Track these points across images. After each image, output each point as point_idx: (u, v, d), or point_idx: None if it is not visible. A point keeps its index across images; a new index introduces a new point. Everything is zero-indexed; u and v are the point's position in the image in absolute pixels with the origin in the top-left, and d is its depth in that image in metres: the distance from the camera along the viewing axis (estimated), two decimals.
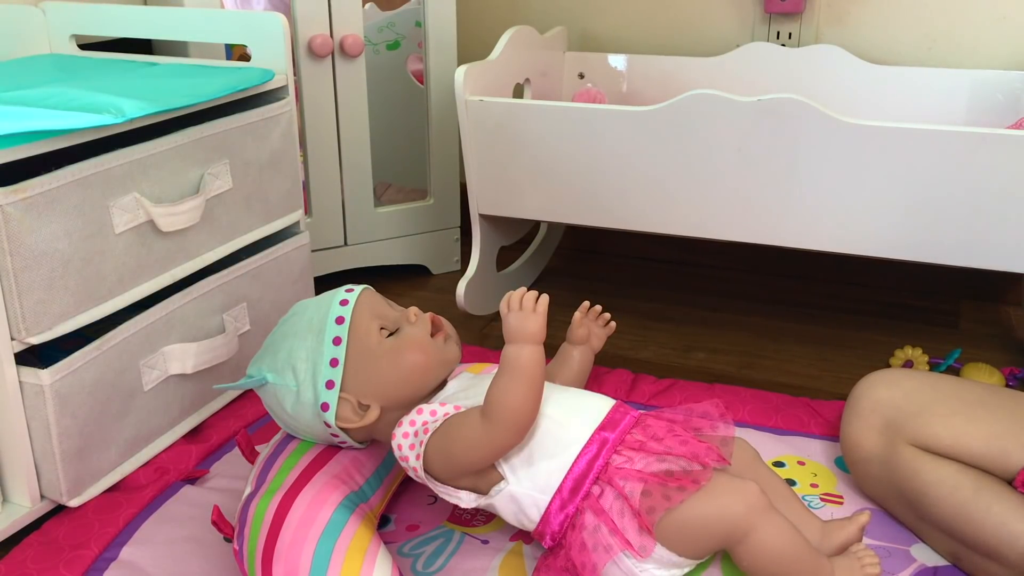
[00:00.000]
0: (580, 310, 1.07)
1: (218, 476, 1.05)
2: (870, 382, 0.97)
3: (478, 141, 1.29)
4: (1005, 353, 1.32)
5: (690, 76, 1.52)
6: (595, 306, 1.09)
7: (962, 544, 0.85)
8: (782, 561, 0.78)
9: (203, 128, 1.06)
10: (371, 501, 0.90)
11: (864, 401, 0.95)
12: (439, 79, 1.51)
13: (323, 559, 0.79)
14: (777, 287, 1.57)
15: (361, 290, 0.89)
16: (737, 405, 1.14)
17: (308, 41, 1.39)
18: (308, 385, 0.85)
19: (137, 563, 0.90)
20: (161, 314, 1.04)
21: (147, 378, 1.03)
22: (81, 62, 1.21)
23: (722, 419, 0.84)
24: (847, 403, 0.99)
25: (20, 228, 0.86)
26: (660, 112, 1.17)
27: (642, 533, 0.77)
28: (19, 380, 0.91)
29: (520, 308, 0.79)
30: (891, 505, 0.93)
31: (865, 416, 0.94)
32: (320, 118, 1.45)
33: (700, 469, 0.78)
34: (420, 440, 0.81)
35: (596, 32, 1.67)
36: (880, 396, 0.94)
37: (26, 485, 0.95)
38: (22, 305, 0.88)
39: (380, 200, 1.64)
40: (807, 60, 1.47)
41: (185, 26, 1.23)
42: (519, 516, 0.83)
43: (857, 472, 0.96)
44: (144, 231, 1.00)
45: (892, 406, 0.92)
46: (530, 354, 0.78)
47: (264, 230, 1.19)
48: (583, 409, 0.85)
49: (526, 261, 1.59)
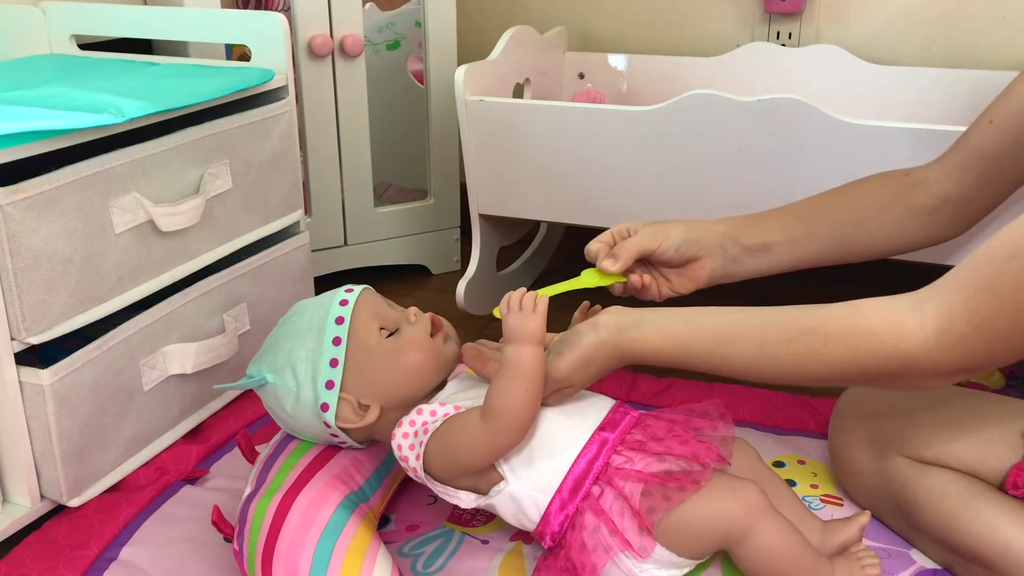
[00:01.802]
0: (580, 310, 1.06)
1: (218, 476, 1.05)
2: (853, 394, 0.97)
3: (478, 141, 1.29)
4: None
5: (690, 76, 1.52)
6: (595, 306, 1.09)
7: (954, 553, 0.84)
8: (782, 562, 0.78)
9: (203, 128, 1.06)
10: (371, 501, 0.90)
11: (850, 414, 0.95)
12: (439, 79, 1.51)
13: (323, 559, 0.79)
14: (777, 287, 1.56)
15: (361, 290, 0.89)
16: (737, 405, 1.14)
17: (308, 41, 1.39)
18: (308, 385, 0.85)
19: (137, 563, 0.90)
20: (161, 314, 1.04)
21: (147, 378, 1.03)
22: (81, 62, 1.21)
23: (722, 419, 0.84)
24: (832, 417, 0.99)
25: (20, 228, 0.86)
26: (660, 112, 1.17)
27: (642, 533, 0.77)
28: (19, 380, 0.91)
29: (520, 309, 0.79)
30: (885, 516, 0.92)
31: (852, 430, 0.94)
32: (320, 118, 1.45)
33: (700, 469, 0.78)
34: (420, 440, 0.81)
35: (596, 32, 1.67)
36: (865, 408, 0.94)
37: (26, 485, 0.95)
38: (22, 305, 0.88)
39: (380, 200, 1.64)
40: (807, 60, 1.47)
41: (185, 26, 1.23)
42: (519, 516, 0.83)
43: (848, 484, 0.96)
44: (144, 231, 1.00)
45: (879, 418, 0.92)
46: (530, 355, 0.78)
47: (264, 230, 1.19)
48: (583, 409, 0.85)
49: (526, 261, 1.59)
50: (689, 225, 0.96)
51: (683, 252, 0.94)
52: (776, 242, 0.96)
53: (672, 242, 0.94)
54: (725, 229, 0.96)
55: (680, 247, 0.94)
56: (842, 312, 0.76)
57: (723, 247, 0.96)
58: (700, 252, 0.95)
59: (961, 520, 0.82)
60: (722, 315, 0.81)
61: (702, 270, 0.96)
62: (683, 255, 0.94)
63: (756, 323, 0.79)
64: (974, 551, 0.81)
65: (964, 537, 0.82)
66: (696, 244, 0.94)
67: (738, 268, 0.97)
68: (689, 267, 0.96)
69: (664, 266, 0.96)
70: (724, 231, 0.96)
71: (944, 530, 0.84)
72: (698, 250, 0.95)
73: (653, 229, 0.94)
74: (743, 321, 0.79)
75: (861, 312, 0.75)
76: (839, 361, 0.75)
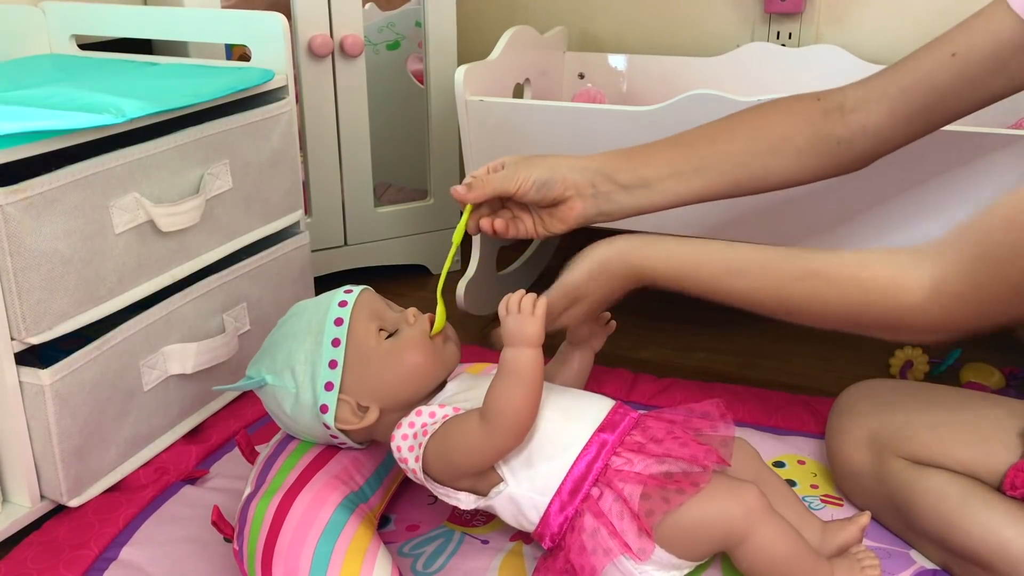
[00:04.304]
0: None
1: (218, 476, 1.05)
2: (851, 395, 0.97)
3: (478, 141, 1.29)
4: (1005, 353, 1.31)
5: (690, 76, 1.52)
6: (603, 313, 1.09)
7: (953, 555, 0.84)
8: (781, 563, 0.78)
9: (203, 128, 1.06)
10: (371, 501, 0.90)
11: (848, 415, 0.95)
12: (439, 79, 1.51)
13: (323, 559, 0.79)
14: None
15: (360, 291, 0.89)
16: (737, 405, 1.14)
17: (308, 41, 1.39)
18: (307, 387, 0.85)
19: (137, 563, 0.90)
20: (161, 314, 1.04)
21: (147, 378, 1.03)
22: (81, 62, 1.21)
23: (722, 419, 0.84)
24: (830, 417, 0.98)
25: (20, 228, 0.86)
26: (660, 112, 1.17)
27: (641, 536, 0.77)
28: (19, 380, 0.91)
29: (519, 311, 0.79)
30: (883, 517, 0.92)
31: (850, 431, 0.94)
32: (320, 118, 1.45)
33: (699, 471, 0.78)
34: (419, 442, 0.81)
35: (596, 32, 1.67)
36: (863, 409, 0.94)
37: (26, 485, 0.95)
38: (22, 305, 0.88)
39: (380, 200, 1.64)
40: (807, 60, 1.47)
41: (185, 26, 1.23)
42: (518, 518, 0.83)
43: (846, 486, 0.96)
44: (144, 231, 1.00)
45: (876, 419, 0.92)
46: (528, 357, 0.78)
47: (264, 230, 1.19)
48: (582, 411, 0.85)
49: (526, 261, 1.59)
50: (555, 163, 0.91)
51: (545, 193, 0.90)
52: (657, 177, 0.92)
53: (533, 182, 0.90)
54: (597, 166, 0.92)
55: (541, 188, 0.90)
56: (850, 260, 0.78)
57: (594, 184, 0.91)
58: (567, 192, 0.91)
59: (959, 521, 0.82)
60: (733, 247, 0.83)
61: (571, 211, 0.92)
62: (546, 196, 0.90)
63: (766, 258, 0.81)
64: (972, 552, 0.81)
65: (962, 538, 0.82)
66: (560, 183, 0.90)
67: (612, 207, 0.93)
68: (559, 208, 0.92)
69: (534, 205, 0.93)
70: (596, 168, 0.91)
71: (942, 531, 0.83)
72: (564, 189, 0.90)
73: (515, 168, 0.90)
74: (753, 254, 0.82)
75: (866, 262, 0.77)
76: (840, 305, 0.78)
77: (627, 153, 0.94)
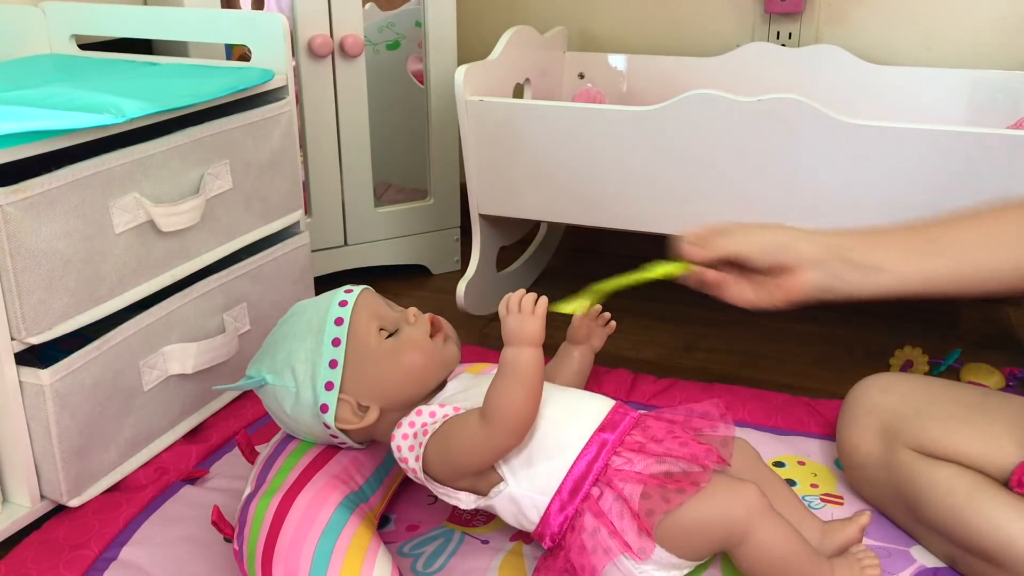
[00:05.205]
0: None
1: (218, 476, 1.05)
2: (864, 387, 0.97)
3: (478, 141, 1.29)
4: (1005, 353, 1.32)
5: (690, 76, 1.52)
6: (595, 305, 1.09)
7: (958, 547, 0.85)
8: (781, 563, 0.78)
9: (203, 128, 1.06)
10: (371, 501, 0.90)
11: (860, 406, 0.95)
12: (439, 79, 1.51)
13: (323, 559, 0.79)
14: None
15: (360, 291, 0.89)
16: (737, 405, 1.14)
17: (308, 41, 1.39)
18: (307, 386, 0.85)
19: (137, 563, 0.90)
20: (161, 314, 1.04)
21: (147, 378, 1.03)
22: (81, 62, 1.21)
23: (722, 419, 0.84)
24: (842, 408, 0.99)
25: (20, 228, 0.86)
26: (660, 112, 1.17)
27: (641, 535, 0.77)
28: (19, 380, 0.91)
29: (519, 310, 0.79)
30: (889, 508, 0.93)
31: (861, 420, 0.94)
32: (320, 118, 1.45)
33: (699, 471, 0.78)
34: (419, 442, 0.81)
35: (596, 32, 1.67)
36: (875, 400, 0.94)
37: (26, 485, 0.95)
38: (22, 305, 0.88)
39: (380, 200, 1.64)
40: (807, 60, 1.47)
41: (185, 26, 1.23)
42: (519, 517, 0.83)
43: (854, 476, 0.96)
44: (144, 231, 1.00)
45: (888, 410, 0.92)
46: (529, 357, 0.78)
47: (264, 230, 1.19)
48: (582, 410, 0.85)
49: (526, 261, 1.59)
50: (786, 230, 0.87)
51: (778, 257, 0.85)
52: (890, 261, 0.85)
53: (760, 246, 0.86)
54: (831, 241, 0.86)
55: (776, 252, 0.85)
56: None
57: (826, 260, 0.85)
58: (794, 261, 0.85)
59: (966, 515, 0.82)
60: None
61: (797, 281, 0.85)
62: (777, 260, 0.85)
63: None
64: (978, 546, 0.82)
65: (968, 532, 0.82)
66: (794, 253, 0.85)
67: (841, 285, 0.86)
68: (783, 277, 0.86)
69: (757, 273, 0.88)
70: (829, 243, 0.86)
71: (949, 524, 0.84)
72: (796, 257, 0.85)
73: (746, 232, 0.87)
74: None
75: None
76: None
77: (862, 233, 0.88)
